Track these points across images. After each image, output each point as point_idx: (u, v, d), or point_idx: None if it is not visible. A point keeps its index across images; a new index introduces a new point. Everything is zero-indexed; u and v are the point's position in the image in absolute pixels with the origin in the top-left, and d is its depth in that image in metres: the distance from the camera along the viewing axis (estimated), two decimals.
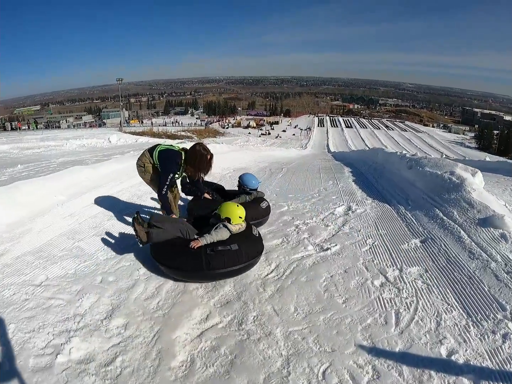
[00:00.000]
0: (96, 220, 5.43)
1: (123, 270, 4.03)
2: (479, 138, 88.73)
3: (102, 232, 4.99)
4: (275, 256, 4.37)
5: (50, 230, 4.91)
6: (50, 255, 4.24)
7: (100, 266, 4.09)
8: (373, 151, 14.13)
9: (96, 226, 5.21)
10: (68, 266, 4.01)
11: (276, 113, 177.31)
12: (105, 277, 3.84)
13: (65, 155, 15.64)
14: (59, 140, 23.50)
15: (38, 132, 41.10)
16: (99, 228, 5.13)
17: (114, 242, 4.72)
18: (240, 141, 47.26)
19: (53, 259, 4.16)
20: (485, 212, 4.69)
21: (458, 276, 3.66)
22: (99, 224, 5.28)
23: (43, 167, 10.99)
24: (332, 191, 7.80)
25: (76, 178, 6.80)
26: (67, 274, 3.85)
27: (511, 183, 9.89)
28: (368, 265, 4.06)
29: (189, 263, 3.71)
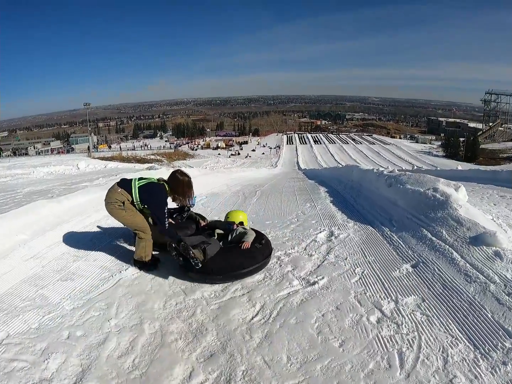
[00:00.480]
0: (60, 262, 4.99)
1: (92, 321, 3.59)
2: (446, 146, 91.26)
3: (68, 276, 4.55)
4: (259, 295, 3.98)
5: (10, 276, 4.47)
6: (11, 307, 3.80)
7: (67, 318, 3.64)
8: (347, 168, 13.97)
9: (61, 269, 4.77)
10: (31, 320, 3.57)
11: (245, 133, 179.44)
12: (72, 332, 3.40)
13: (32, 184, 15.18)
14: (27, 168, 23.03)
15: (4, 160, 40.43)
16: (64, 272, 4.68)
17: (81, 288, 4.28)
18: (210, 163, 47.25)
19: (14, 311, 3.72)
20: (475, 229, 4.48)
21: (458, 303, 3.38)
22: (64, 266, 4.85)
23: (8, 199, 10.55)
24: (311, 214, 7.50)
25: (39, 214, 6.32)
26: (30, 330, 3.41)
27: (486, 191, 10.10)
28: (361, 299, 3.72)
29: (257, 259, 4.48)
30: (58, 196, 9.33)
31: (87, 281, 4.46)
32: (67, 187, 13.36)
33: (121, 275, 4.59)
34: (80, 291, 4.19)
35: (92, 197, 7.81)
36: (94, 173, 20.88)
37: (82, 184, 14.25)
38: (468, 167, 24.63)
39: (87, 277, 4.57)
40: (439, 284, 3.77)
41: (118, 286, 4.32)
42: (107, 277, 4.56)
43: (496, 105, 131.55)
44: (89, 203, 7.51)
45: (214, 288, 4.22)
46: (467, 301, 3.37)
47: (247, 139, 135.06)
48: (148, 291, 4.21)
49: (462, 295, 3.47)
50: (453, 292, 3.57)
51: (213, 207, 9.04)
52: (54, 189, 12.88)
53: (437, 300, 3.53)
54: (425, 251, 4.57)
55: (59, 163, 26.82)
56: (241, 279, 4.38)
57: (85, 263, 4.97)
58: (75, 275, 4.60)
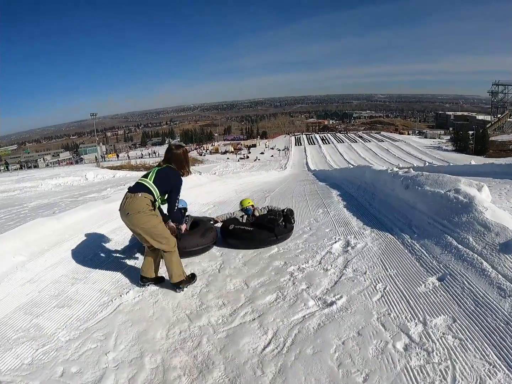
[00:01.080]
0: (58, 286, 4.66)
1: (88, 355, 3.25)
2: (455, 140, 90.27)
3: (65, 302, 4.24)
4: (271, 320, 3.57)
5: (5, 303, 4.18)
6: (3, 339, 3.52)
7: (61, 351, 3.32)
8: (359, 169, 13.50)
9: (58, 294, 4.45)
10: (24, 353, 3.27)
11: (252, 136, 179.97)
12: (67, 368, 3.07)
13: (40, 197, 15.14)
14: (35, 181, 23.25)
15: (13, 173, 40.67)
16: (61, 297, 4.37)
17: (78, 315, 3.96)
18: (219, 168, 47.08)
19: (7, 343, 3.43)
20: (504, 234, 4.01)
21: (493, 323, 2.95)
22: (61, 291, 4.52)
23: (13, 214, 10.38)
24: (324, 221, 7.08)
25: (38, 233, 5.93)
26: (23, 366, 3.11)
27: (503, 186, 9.79)
28: (384, 321, 3.29)
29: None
30: (63, 210, 9.06)
31: (85, 307, 4.16)
32: (74, 199, 13.26)
33: (121, 300, 4.27)
34: (77, 319, 3.89)
35: (94, 211, 7.49)
36: (103, 183, 20.84)
37: (89, 195, 14.15)
38: (481, 161, 24.24)
39: (85, 302, 4.26)
40: (470, 300, 3.34)
41: (117, 313, 4.00)
42: (107, 302, 4.25)
43: (504, 96, 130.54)
44: (91, 218, 7.17)
45: (221, 312, 3.85)
46: (503, 320, 2.96)
47: (255, 142, 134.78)
48: (150, 318, 3.87)
49: (497, 313, 3.05)
50: (487, 310, 3.14)
51: None
52: (61, 202, 12.76)
53: (469, 319, 3.10)
54: (451, 262, 4.12)
55: (67, 174, 27.03)
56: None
57: (83, 287, 4.66)
58: (72, 300, 4.31)
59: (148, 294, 4.40)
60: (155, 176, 4.29)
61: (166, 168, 4.41)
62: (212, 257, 5.57)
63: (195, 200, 10.32)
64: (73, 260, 5.44)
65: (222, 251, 5.83)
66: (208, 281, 4.65)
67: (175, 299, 4.21)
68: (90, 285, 4.69)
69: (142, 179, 4.34)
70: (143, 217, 4.18)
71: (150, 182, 4.24)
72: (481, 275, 3.63)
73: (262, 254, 5.50)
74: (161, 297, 4.31)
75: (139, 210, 4.16)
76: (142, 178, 4.34)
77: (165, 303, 4.15)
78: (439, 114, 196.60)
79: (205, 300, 4.15)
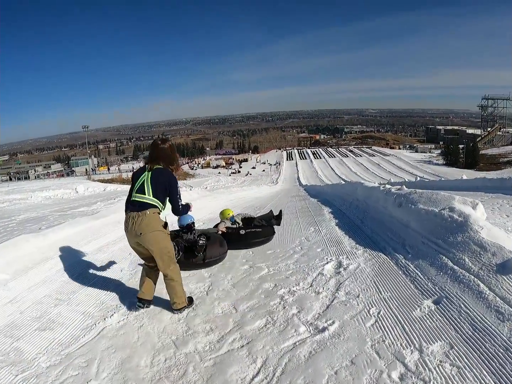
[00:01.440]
0: (41, 307, 4.49)
1: (69, 383, 3.09)
2: (446, 154, 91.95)
3: (47, 325, 4.07)
4: (260, 347, 3.39)
5: None
6: None
7: (42, 378, 3.16)
8: (351, 185, 13.46)
9: (40, 315, 4.28)
10: (3, 379, 3.12)
11: (244, 150, 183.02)
12: None
13: (29, 210, 14.87)
14: (25, 193, 22.93)
15: (4, 185, 40.51)
16: (43, 319, 4.20)
17: (60, 339, 3.79)
18: (210, 182, 47.10)
19: None
20: (501, 254, 3.86)
21: (492, 349, 2.79)
22: (44, 312, 4.35)
23: (0, 228, 10.09)
24: (316, 241, 6.94)
25: (22, 250, 5.77)
26: None
27: (495, 201, 9.72)
28: (379, 349, 3.12)
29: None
30: (51, 225, 8.91)
31: (67, 331, 3.98)
32: (63, 213, 13.05)
33: (105, 323, 4.11)
34: (59, 344, 3.71)
35: (81, 228, 7.32)
36: (93, 196, 20.72)
37: (79, 209, 13.99)
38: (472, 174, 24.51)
39: (68, 326, 4.09)
40: (468, 325, 3.19)
41: (101, 338, 3.82)
42: (90, 325, 4.08)
43: (494, 110, 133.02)
44: (78, 235, 6.99)
45: (209, 338, 3.67)
46: (502, 345, 2.80)
47: (247, 157, 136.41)
48: (135, 344, 3.69)
49: (496, 338, 2.90)
50: (485, 335, 2.99)
51: None
52: (49, 216, 12.54)
53: (467, 345, 2.95)
54: (447, 284, 3.97)
55: (58, 187, 26.81)
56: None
57: (67, 308, 4.49)
58: (55, 323, 4.13)
59: (133, 317, 4.23)
60: (152, 188, 4.06)
61: (157, 173, 4.12)
62: (200, 279, 5.42)
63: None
64: (57, 280, 5.27)
65: (211, 271, 5.69)
66: (196, 304, 4.48)
67: (161, 323, 4.05)
68: (73, 307, 4.52)
69: (139, 196, 4.08)
70: (158, 235, 4.08)
71: (150, 197, 4.05)
72: (478, 297, 3.49)
73: (252, 275, 5.35)
74: (146, 321, 4.14)
75: (153, 229, 4.04)
76: (139, 195, 4.08)
77: (150, 328, 3.98)
78: (429, 129, 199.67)
79: (192, 324, 3.98)
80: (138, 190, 4.09)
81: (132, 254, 6.05)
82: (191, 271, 5.66)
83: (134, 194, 4.11)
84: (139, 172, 4.21)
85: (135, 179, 4.19)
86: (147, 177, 4.10)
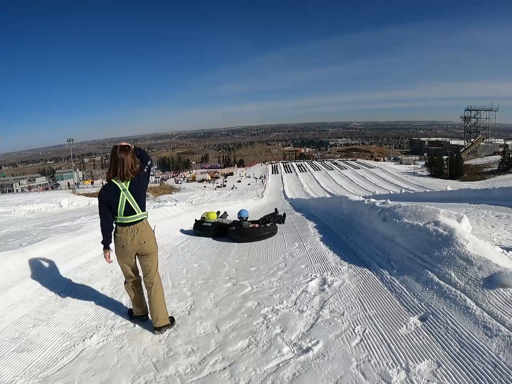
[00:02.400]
0: (19, 327, 4.29)
1: None
2: (430, 165, 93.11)
3: (25, 346, 3.88)
4: (243, 369, 3.26)
5: None
6: None
7: None
8: (335, 199, 13.46)
9: (18, 336, 4.10)
10: None
11: (229, 164, 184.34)
12: None
13: (12, 224, 14.73)
14: (9, 206, 22.44)
15: None
16: (21, 340, 4.01)
17: (38, 362, 3.63)
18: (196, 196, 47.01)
19: None
20: (487, 268, 3.83)
21: (481, 366, 2.73)
22: (22, 333, 4.17)
23: None
24: (300, 256, 6.87)
25: (1, 267, 5.57)
26: None
27: (480, 211, 9.86)
28: (364, 369, 3.02)
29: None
30: (33, 239, 8.81)
31: (46, 352, 3.82)
32: (46, 228, 12.88)
33: (84, 345, 3.95)
34: (37, 366, 3.55)
35: (62, 245, 7.14)
36: (77, 211, 20.56)
37: (63, 223, 13.82)
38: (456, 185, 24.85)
39: (46, 347, 3.92)
40: (455, 342, 3.12)
41: (79, 360, 3.67)
42: (69, 347, 3.92)
43: (476, 121, 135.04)
44: (58, 252, 6.79)
45: (190, 360, 3.54)
46: (490, 362, 2.74)
47: (232, 171, 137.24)
48: (114, 366, 3.55)
49: (484, 355, 2.84)
50: (473, 352, 2.92)
51: (193, 252, 8.32)
52: (32, 230, 12.37)
53: (455, 363, 2.88)
54: (433, 299, 3.92)
55: (42, 201, 26.59)
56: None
57: (45, 329, 4.32)
58: (33, 344, 3.95)
59: (112, 339, 4.09)
60: (138, 203, 3.99)
61: (133, 187, 3.95)
62: (182, 297, 5.27)
63: (167, 233, 10.12)
64: (36, 299, 5.07)
65: (193, 290, 5.56)
66: (177, 324, 4.35)
67: (142, 345, 3.92)
68: (52, 328, 4.35)
69: (131, 217, 3.99)
70: (154, 242, 4.18)
71: (141, 213, 4.03)
72: (465, 313, 3.44)
73: (235, 293, 5.23)
74: (126, 342, 4.01)
75: (152, 236, 4.16)
76: (130, 217, 3.98)
77: (130, 349, 3.84)
78: (413, 140, 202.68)
79: (173, 346, 3.86)
80: (126, 213, 3.97)
81: (113, 272, 5.96)
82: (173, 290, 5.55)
83: (122, 217, 3.98)
84: (113, 193, 3.94)
85: (114, 201, 3.94)
86: (128, 196, 3.95)
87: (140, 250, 4.05)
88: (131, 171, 3.91)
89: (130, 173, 3.91)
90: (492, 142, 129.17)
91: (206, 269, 6.64)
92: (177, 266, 6.95)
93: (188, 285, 5.76)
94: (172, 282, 5.95)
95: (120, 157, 3.88)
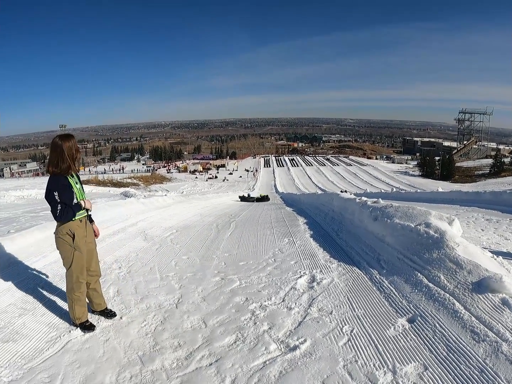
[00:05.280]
0: (5, 316, 4.23)
1: None
2: (422, 165, 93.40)
3: (10, 336, 3.82)
4: (229, 366, 3.23)
5: None
6: None
7: None
8: (326, 196, 13.50)
9: (4, 325, 4.03)
10: None
11: (222, 156, 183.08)
12: None
13: (1, 210, 14.70)
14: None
15: None
16: (7, 330, 3.95)
17: (23, 352, 3.58)
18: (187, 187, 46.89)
19: None
20: (476, 272, 3.85)
21: (467, 370, 2.73)
22: (7, 322, 4.10)
23: None
24: (289, 252, 6.83)
25: None
26: None
27: (470, 214, 9.90)
28: (351, 369, 3.01)
29: None
30: (22, 226, 8.72)
31: (31, 343, 3.77)
32: (35, 214, 12.78)
33: (70, 336, 3.91)
34: (22, 357, 3.50)
35: (50, 233, 7.01)
36: None
37: None
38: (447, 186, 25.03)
39: (32, 337, 3.87)
40: (443, 345, 3.12)
41: (65, 352, 3.62)
42: (54, 338, 3.88)
43: (470, 124, 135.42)
44: (46, 240, 6.67)
45: (176, 354, 3.51)
46: (477, 367, 2.75)
47: (224, 162, 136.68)
48: (100, 359, 3.51)
49: (471, 360, 2.84)
50: (460, 356, 2.92)
51: (183, 244, 8.26)
52: (21, 217, 12.27)
53: (442, 367, 2.88)
54: (422, 301, 3.92)
55: (32, 187, 26.26)
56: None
57: (31, 319, 4.25)
58: (18, 334, 3.90)
59: (99, 330, 4.05)
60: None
61: (79, 180, 4.15)
62: (170, 290, 5.22)
63: (158, 224, 9.99)
64: (23, 288, 5.01)
65: (181, 283, 5.52)
66: (164, 318, 4.31)
67: (128, 338, 3.87)
68: (38, 318, 4.30)
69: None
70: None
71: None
72: (453, 317, 3.44)
73: (223, 287, 5.20)
74: (112, 334, 3.97)
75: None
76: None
77: (116, 342, 3.80)
78: (406, 140, 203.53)
79: (160, 339, 3.82)
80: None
81: (101, 262, 5.90)
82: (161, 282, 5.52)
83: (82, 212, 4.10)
84: (65, 181, 3.95)
85: (70, 188, 3.97)
86: (80, 187, 4.13)
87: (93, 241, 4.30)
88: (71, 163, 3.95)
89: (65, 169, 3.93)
90: (485, 145, 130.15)
91: (195, 262, 6.59)
92: (166, 258, 6.92)
93: (176, 278, 5.71)
94: (160, 274, 5.91)
95: (61, 149, 3.90)
